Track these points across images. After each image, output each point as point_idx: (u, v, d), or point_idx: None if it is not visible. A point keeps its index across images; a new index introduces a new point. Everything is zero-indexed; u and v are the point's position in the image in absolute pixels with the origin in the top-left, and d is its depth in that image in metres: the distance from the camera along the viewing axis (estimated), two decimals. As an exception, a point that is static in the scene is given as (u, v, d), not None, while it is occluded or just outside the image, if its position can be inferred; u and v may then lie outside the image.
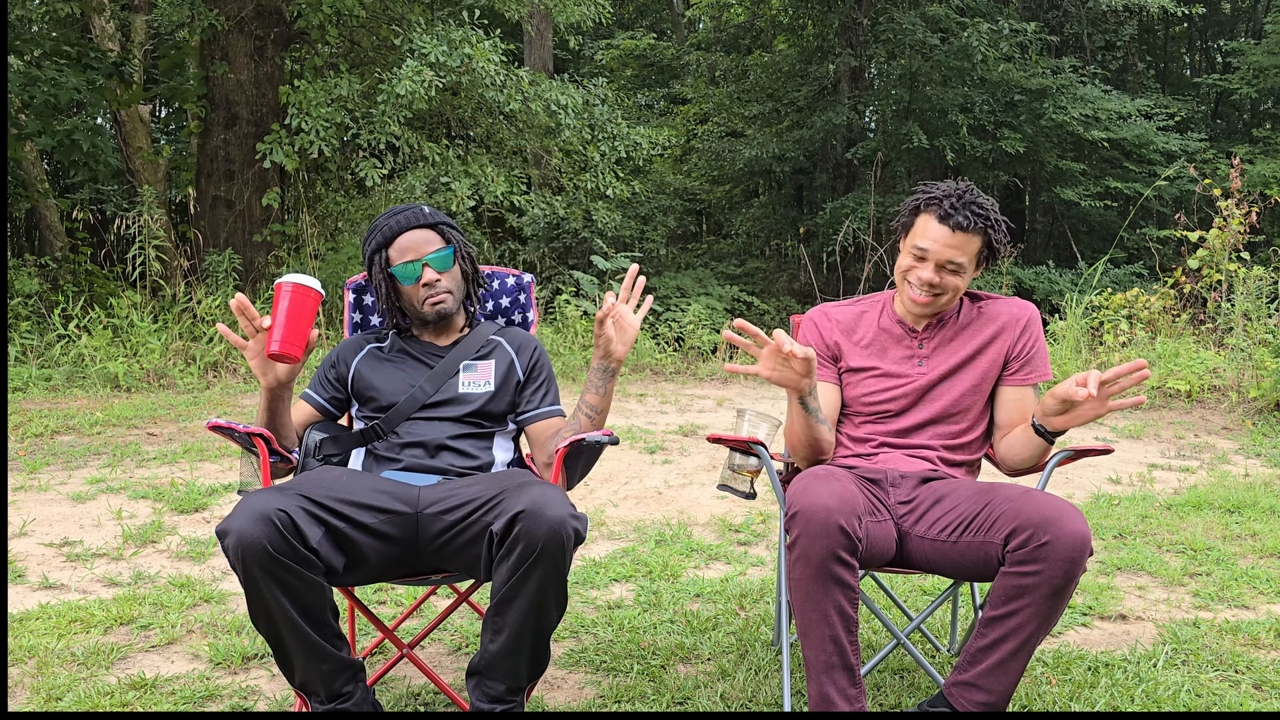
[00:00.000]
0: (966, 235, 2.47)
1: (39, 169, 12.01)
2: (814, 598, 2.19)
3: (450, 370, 2.70)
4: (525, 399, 2.74)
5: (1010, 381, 2.64)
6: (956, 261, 2.49)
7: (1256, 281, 8.22)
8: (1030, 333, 2.65)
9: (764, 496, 4.75)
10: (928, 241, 2.49)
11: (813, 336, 2.75)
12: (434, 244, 2.68)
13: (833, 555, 2.17)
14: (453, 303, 2.70)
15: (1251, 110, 19.03)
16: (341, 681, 2.29)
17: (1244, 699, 2.76)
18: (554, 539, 2.16)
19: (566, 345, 9.16)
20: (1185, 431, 6.65)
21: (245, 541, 2.11)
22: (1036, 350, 2.65)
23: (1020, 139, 14.26)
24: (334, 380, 2.74)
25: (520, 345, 2.80)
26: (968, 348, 2.64)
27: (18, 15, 10.04)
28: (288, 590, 2.16)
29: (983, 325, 2.65)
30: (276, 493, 2.22)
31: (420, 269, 2.66)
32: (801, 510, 2.19)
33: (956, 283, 2.54)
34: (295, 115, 8.93)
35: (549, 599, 2.23)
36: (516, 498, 2.23)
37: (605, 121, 11.23)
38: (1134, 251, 14.50)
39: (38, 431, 6.00)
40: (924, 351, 2.64)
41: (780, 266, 16.65)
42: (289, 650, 2.24)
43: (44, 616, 3.23)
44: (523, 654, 2.28)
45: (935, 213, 2.49)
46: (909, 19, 14.29)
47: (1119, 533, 4.36)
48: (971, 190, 2.53)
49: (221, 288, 9.03)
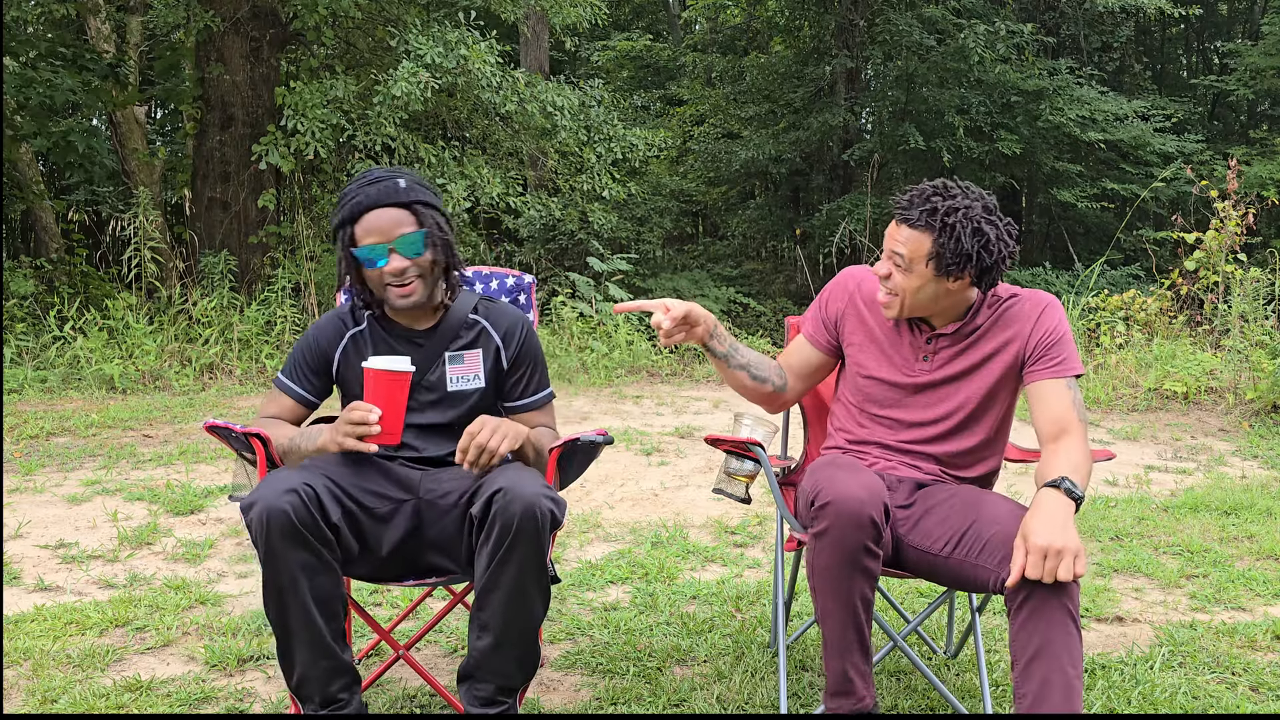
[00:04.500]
0: (913, 231, 2.38)
1: (34, 170, 11.98)
2: (841, 585, 2.20)
3: (434, 357, 2.53)
4: (508, 387, 2.61)
5: (1034, 377, 2.45)
6: (899, 253, 2.40)
7: (1253, 283, 8.23)
8: (1046, 322, 2.47)
9: (759, 499, 4.74)
10: (887, 234, 2.46)
11: (839, 296, 2.69)
12: (404, 226, 2.39)
13: (863, 548, 2.18)
14: (423, 293, 2.43)
15: (1248, 112, 19.04)
16: (338, 687, 2.28)
17: (1241, 701, 2.76)
18: (529, 517, 2.17)
19: (562, 347, 9.15)
20: (1182, 433, 6.65)
21: (270, 510, 2.13)
22: (1056, 339, 2.45)
23: (1017, 140, 14.26)
24: (317, 370, 2.57)
25: (505, 329, 2.59)
26: (980, 352, 2.51)
27: (13, 17, 10.01)
28: (305, 567, 2.17)
29: (1000, 329, 2.51)
30: (299, 470, 2.25)
31: (386, 254, 2.38)
32: (834, 501, 2.18)
33: (901, 281, 2.42)
34: (291, 117, 8.91)
35: (530, 587, 2.23)
36: (494, 480, 2.26)
37: (601, 123, 11.21)
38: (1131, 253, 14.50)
39: (33, 433, 5.98)
40: (931, 347, 2.54)
41: (777, 268, 16.63)
42: (293, 639, 2.22)
43: (39, 618, 3.22)
44: (509, 649, 2.27)
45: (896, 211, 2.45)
46: (905, 20, 14.29)
47: (1115, 534, 4.36)
48: (945, 192, 2.39)
49: (217, 289, 9.02)
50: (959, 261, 2.36)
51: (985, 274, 2.41)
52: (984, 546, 2.25)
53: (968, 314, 2.51)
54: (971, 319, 2.51)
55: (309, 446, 2.41)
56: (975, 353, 2.51)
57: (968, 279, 2.40)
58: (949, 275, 2.38)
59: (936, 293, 2.43)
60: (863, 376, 2.61)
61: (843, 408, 2.69)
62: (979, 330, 2.51)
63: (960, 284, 2.41)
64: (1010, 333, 2.50)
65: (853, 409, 2.65)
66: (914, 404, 2.56)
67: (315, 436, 2.41)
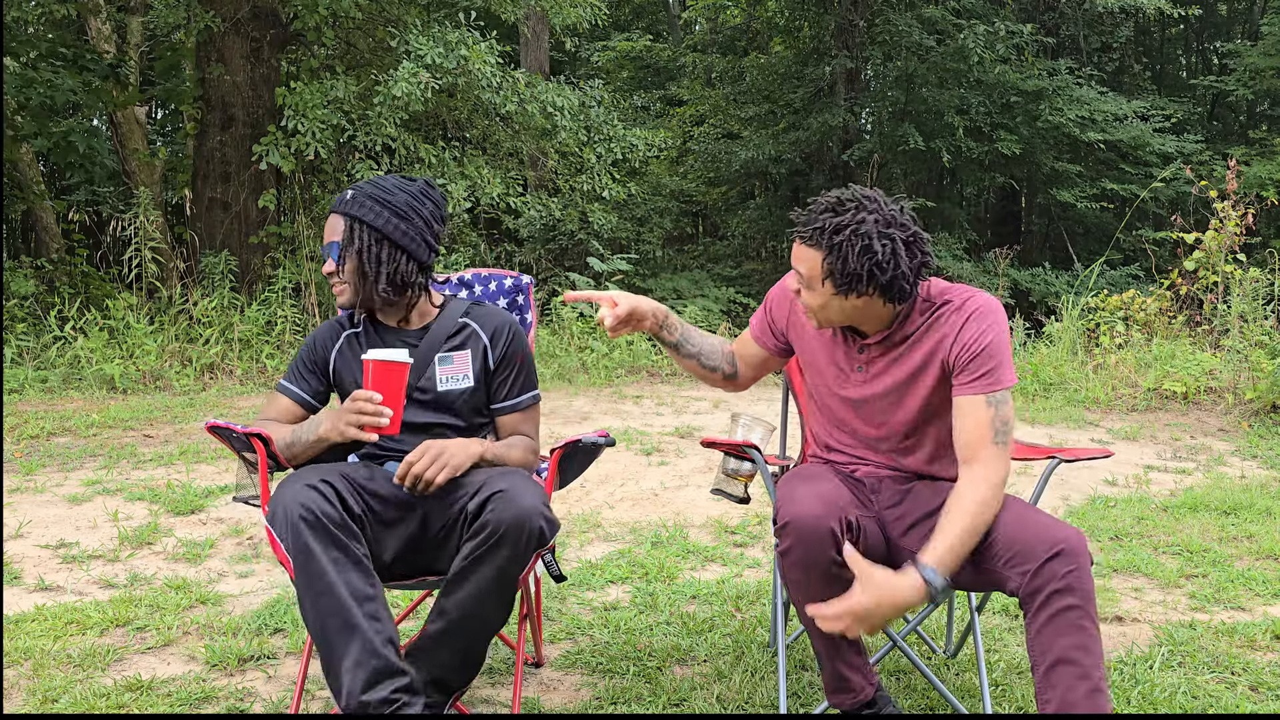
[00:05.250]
0: (806, 249, 2.28)
1: (35, 171, 11.99)
2: (816, 597, 2.17)
3: (426, 358, 2.58)
4: (493, 389, 2.63)
5: (955, 391, 2.32)
6: (799, 271, 2.32)
7: (1253, 283, 8.23)
8: (969, 332, 2.30)
9: (759, 499, 4.75)
10: (793, 250, 2.37)
11: (781, 304, 2.62)
12: (335, 235, 2.53)
13: (829, 560, 2.18)
14: (351, 296, 2.53)
15: (1248, 112, 19.05)
16: (396, 688, 2.16)
17: (1240, 701, 2.76)
18: (518, 526, 2.18)
19: (562, 347, 9.16)
20: (1181, 433, 6.65)
21: (295, 510, 2.15)
22: (979, 350, 2.28)
23: (1016, 141, 14.27)
24: (317, 371, 2.65)
25: (494, 331, 2.63)
26: (911, 362, 2.38)
27: (14, 17, 10.02)
28: (336, 564, 2.17)
29: (930, 335, 2.36)
30: (313, 470, 2.29)
31: (325, 257, 2.56)
32: (791, 520, 2.17)
33: (807, 298, 2.33)
34: (291, 117, 8.92)
35: (495, 594, 2.24)
36: (496, 482, 2.27)
37: (601, 123, 11.23)
38: (1130, 253, 14.51)
39: (34, 433, 5.99)
40: (864, 358, 2.44)
41: (776, 268, 16.62)
42: (333, 644, 2.14)
43: (40, 618, 3.23)
44: (457, 641, 2.27)
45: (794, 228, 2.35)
46: (905, 21, 14.30)
47: (1115, 534, 4.36)
48: (837, 207, 2.27)
49: (217, 290, 9.02)
50: (849, 281, 2.24)
51: (887, 289, 2.26)
52: (988, 548, 2.23)
53: (894, 322, 2.38)
54: (900, 326, 2.38)
55: (310, 436, 2.46)
56: (907, 363, 2.39)
57: (871, 294, 2.27)
58: (846, 294, 2.27)
59: (844, 308, 2.32)
60: (818, 385, 2.57)
61: (814, 414, 2.66)
62: (910, 338, 2.39)
63: (865, 300, 2.29)
64: (935, 340, 2.36)
65: (820, 416, 2.62)
66: (860, 418, 2.49)
67: (316, 426, 2.46)
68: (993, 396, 2.27)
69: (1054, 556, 2.09)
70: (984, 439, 2.24)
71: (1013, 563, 2.15)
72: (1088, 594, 2.09)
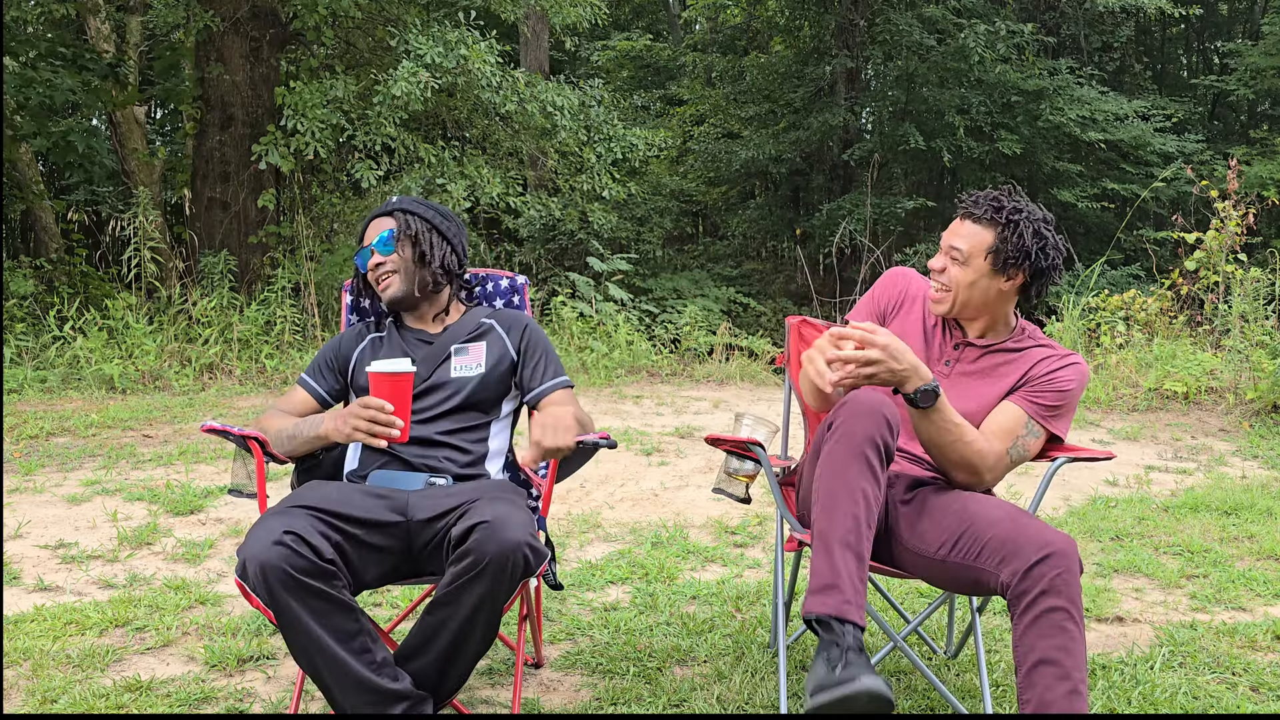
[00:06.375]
0: (975, 225, 2.48)
1: (34, 170, 11.97)
2: (848, 474, 2.19)
3: (441, 353, 2.68)
4: (526, 378, 2.72)
5: (1013, 396, 2.51)
6: (957, 246, 2.48)
7: (1254, 283, 8.23)
8: (1065, 373, 2.50)
9: (760, 499, 4.74)
10: (946, 231, 2.53)
11: (889, 290, 2.74)
12: (383, 228, 2.69)
13: (870, 440, 2.19)
14: (399, 286, 2.67)
15: (1249, 112, 19.04)
16: (401, 709, 2.20)
17: (1241, 701, 2.76)
18: (502, 559, 2.13)
19: (562, 348, 9.15)
20: (1182, 433, 6.65)
21: (265, 568, 2.09)
22: (1063, 389, 2.48)
23: (1017, 140, 14.26)
24: (336, 370, 2.75)
25: (510, 325, 2.78)
26: (995, 377, 2.54)
27: (13, 17, 10.01)
28: (316, 613, 2.13)
29: (1020, 365, 2.54)
30: (279, 515, 2.20)
31: (369, 254, 2.68)
32: (852, 399, 2.24)
33: (956, 274, 2.49)
34: (291, 117, 8.91)
35: (478, 624, 2.20)
36: (484, 509, 2.22)
37: (601, 123, 11.21)
38: (1131, 253, 14.49)
39: (33, 433, 5.98)
40: (956, 354, 2.58)
41: (777, 268, 16.64)
42: (330, 686, 2.18)
43: (39, 619, 3.22)
44: (436, 661, 2.26)
45: (959, 209, 2.54)
46: (905, 20, 14.29)
47: (1116, 534, 4.36)
48: (1012, 195, 2.49)
49: (217, 289, 9.01)
50: (1017, 257, 2.44)
51: (1037, 278, 2.48)
52: (982, 549, 2.24)
53: (1001, 331, 2.57)
54: (1003, 341, 2.57)
55: (311, 433, 2.52)
56: (992, 377, 2.54)
57: (1020, 279, 2.47)
58: (1004, 272, 2.46)
59: (988, 291, 2.49)
60: None
61: None
62: (1004, 358, 2.56)
63: (1011, 285, 2.48)
64: (1022, 373, 2.53)
65: None
66: None
67: (318, 424, 2.50)
68: (1035, 425, 2.48)
69: (1044, 559, 2.12)
70: (1003, 442, 2.46)
71: (1004, 563, 2.18)
72: (1074, 598, 2.12)
